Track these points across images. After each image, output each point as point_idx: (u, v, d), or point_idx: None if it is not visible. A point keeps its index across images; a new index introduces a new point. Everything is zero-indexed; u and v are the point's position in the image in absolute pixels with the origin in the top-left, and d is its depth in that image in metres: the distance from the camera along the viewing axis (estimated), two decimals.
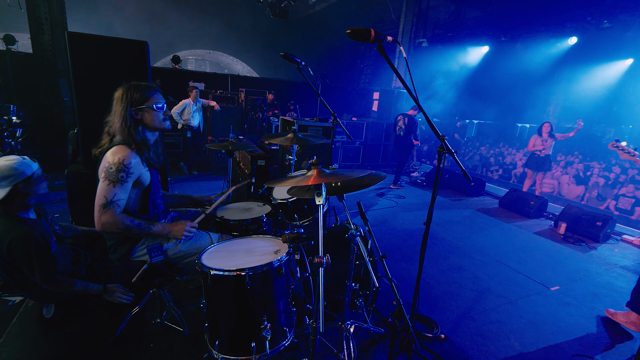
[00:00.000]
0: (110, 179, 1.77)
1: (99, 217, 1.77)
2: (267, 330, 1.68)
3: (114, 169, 1.77)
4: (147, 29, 13.82)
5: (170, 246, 2.05)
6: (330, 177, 1.60)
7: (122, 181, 1.79)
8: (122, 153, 1.79)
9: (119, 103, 1.87)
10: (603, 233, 4.84)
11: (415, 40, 11.14)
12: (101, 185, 1.78)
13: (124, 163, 1.78)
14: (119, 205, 1.81)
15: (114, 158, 1.78)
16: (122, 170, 1.78)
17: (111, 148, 1.83)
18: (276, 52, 3.01)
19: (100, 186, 1.78)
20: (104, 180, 1.77)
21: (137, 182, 1.89)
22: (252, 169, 3.77)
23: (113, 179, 1.77)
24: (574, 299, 3.31)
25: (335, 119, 2.95)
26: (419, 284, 1.98)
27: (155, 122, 1.95)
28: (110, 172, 1.77)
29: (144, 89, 1.91)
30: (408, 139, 6.73)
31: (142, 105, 1.89)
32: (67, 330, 2.25)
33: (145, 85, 1.93)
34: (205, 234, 2.20)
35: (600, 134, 13.35)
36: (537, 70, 10.81)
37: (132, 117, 1.87)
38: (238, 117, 8.47)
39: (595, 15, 7.82)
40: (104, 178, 1.78)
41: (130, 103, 1.86)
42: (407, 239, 4.44)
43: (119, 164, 1.77)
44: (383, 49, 1.64)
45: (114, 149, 1.82)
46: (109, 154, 1.81)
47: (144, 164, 1.91)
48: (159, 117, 1.96)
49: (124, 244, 1.98)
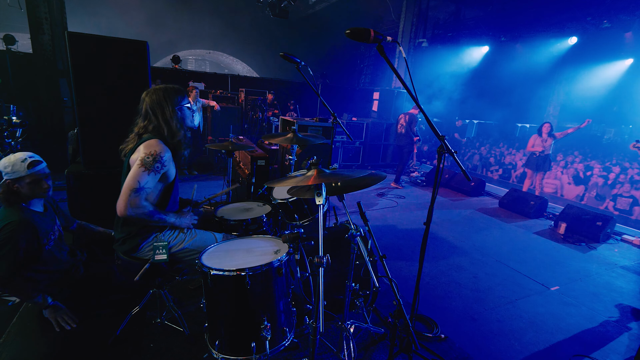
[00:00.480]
0: (146, 167, 1.84)
1: (126, 200, 1.81)
2: (267, 330, 1.68)
3: (151, 158, 1.85)
4: (147, 29, 13.81)
5: (175, 243, 2.08)
6: (330, 177, 1.60)
7: (156, 171, 1.87)
8: (158, 147, 1.89)
9: (163, 105, 1.96)
10: (603, 233, 4.84)
11: (415, 40, 11.14)
12: (136, 170, 1.83)
13: (160, 154, 1.88)
14: (147, 192, 1.89)
15: (150, 149, 1.87)
16: (157, 160, 1.87)
17: (144, 141, 1.90)
18: (276, 52, 3.01)
19: (133, 172, 1.83)
20: (139, 166, 1.83)
21: (163, 177, 1.96)
22: (252, 169, 3.77)
23: (149, 167, 1.84)
24: (574, 299, 3.31)
25: (335, 119, 2.94)
26: (419, 283, 1.98)
27: (188, 121, 2.12)
28: (147, 161, 1.84)
29: (178, 90, 2.05)
30: (409, 136, 6.80)
31: (180, 105, 2.03)
32: (68, 330, 2.25)
33: (177, 87, 2.07)
34: (209, 233, 2.23)
35: (600, 134, 13.36)
36: (537, 70, 10.81)
37: (176, 117, 1.99)
38: (238, 117, 8.46)
39: (595, 15, 7.82)
40: (139, 165, 1.84)
41: (173, 103, 1.99)
42: (407, 239, 4.44)
43: (156, 155, 1.86)
44: (383, 49, 1.64)
45: (148, 142, 1.89)
46: (143, 146, 1.88)
47: (173, 160, 2.00)
48: (191, 116, 2.17)
49: (135, 237, 2.00)
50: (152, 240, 2.03)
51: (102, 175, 3.05)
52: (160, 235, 2.05)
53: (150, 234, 2.03)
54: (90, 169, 3.11)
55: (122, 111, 2.98)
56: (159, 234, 2.05)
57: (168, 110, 1.97)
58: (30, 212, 2.07)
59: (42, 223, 2.10)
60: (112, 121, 2.97)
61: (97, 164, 3.05)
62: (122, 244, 2.04)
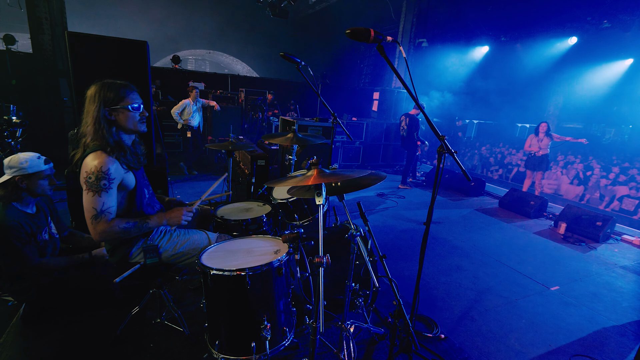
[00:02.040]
0: (92, 190, 1.68)
1: (94, 228, 1.70)
2: (267, 330, 1.68)
3: (93, 178, 1.67)
4: (147, 29, 13.81)
5: (167, 247, 2.03)
6: (330, 177, 1.60)
7: (106, 189, 1.70)
8: (98, 160, 1.69)
9: (91, 102, 1.75)
10: (603, 233, 4.84)
11: (415, 40, 11.13)
12: (85, 197, 1.69)
13: (103, 170, 1.68)
14: (110, 213, 1.74)
15: (91, 166, 1.68)
16: (102, 178, 1.68)
17: (87, 155, 1.72)
18: (276, 52, 3.01)
19: (85, 199, 1.70)
20: (87, 192, 1.69)
21: (121, 186, 1.81)
22: (252, 169, 3.78)
23: (95, 189, 1.68)
24: (574, 299, 3.31)
25: (335, 119, 2.94)
26: (419, 283, 1.98)
27: (129, 123, 1.82)
28: (90, 183, 1.68)
29: (119, 87, 1.78)
30: (411, 138, 6.78)
31: (117, 106, 1.76)
32: (67, 330, 2.26)
33: (120, 83, 1.81)
34: (202, 234, 2.18)
35: (600, 134, 13.35)
36: (537, 70, 10.80)
37: (105, 117, 1.75)
38: (238, 117, 8.47)
39: (595, 15, 7.81)
40: (86, 190, 1.69)
41: (104, 103, 1.74)
42: (407, 239, 4.44)
43: (98, 172, 1.67)
44: (383, 49, 1.64)
45: (90, 156, 1.71)
46: (86, 162, 1.71)
47: (124, 166, 1.80)
48: (135, 118, 1.83)
49: (121, 247, 1.95)
50: (142, 245, 1.97)
51: None
52: (148, 240, 1.99)
53: (138, 240, 1.96)
54: None
55: None
56: (147, 240, 1.99)
57: (94, 110, 1.74)
58: (19, 212, 2.06)
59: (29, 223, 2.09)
60: None
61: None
62: (112, 255, 1.99)
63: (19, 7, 7.40)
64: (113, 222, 1.74)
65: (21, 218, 2.05)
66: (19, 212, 2.07)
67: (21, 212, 2.07)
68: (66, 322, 2.32)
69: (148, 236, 2.00)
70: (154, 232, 2.03)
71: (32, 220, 2.12)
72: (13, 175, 1.99)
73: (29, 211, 2.14)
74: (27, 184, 2.04)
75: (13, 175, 1.99)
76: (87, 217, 1.71)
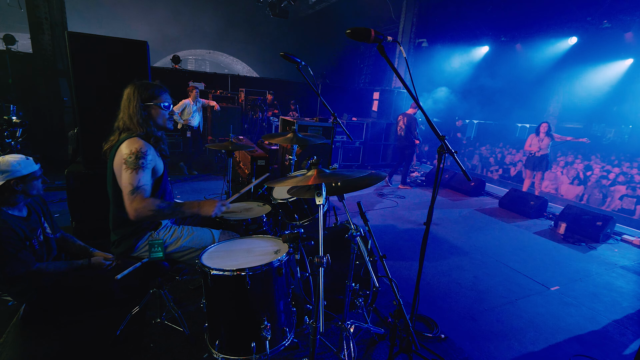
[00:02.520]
0: (131, 167, 1.84)
1: (130, 204, 1.82)
2: (267, 330, 1.68)
3: (133, 158, 1.84)
4: (147, 29, 13.81)
5: (172, 241, 2.08)
6: (330, 177, 1.60)
7: (144, 167, 1.87)
8: (136, 144, 1.87)
9: (130, 99, 1.97)
10: (603, 233, 4.84)
11: (415, 40, 11.13)
12: (124, 175, 1.84)
13: (142, 151, 1.87)
14: (146, 190, 1.87)
15: (129, 148, 1.85)
16: (140, 157, 1.86)
17: (123, 141, 1.89)
18: (276, 52, 3.01)
19: (123, 177, 1.84)
20: (125, 169, 1.84)
21: (153, 171, 1.96)
22: (252, 169, 3.78)
23: (134, 167, 1.84)
24: (574, 299, 3.31)
25: (335, 119, 2.94)
26: (419, 283, 1.98)
27: (160, 120, 2.04)
28: (129, 161, 1.84)
29: (154, 87, 2.02)
30: (409, 138, 6.73)
31: (151, 102, 1.99)
32: (67, 330, 2.26)
33: (154, 83, 2.04)
34: (206, 230, 2.22)
35: (600, 134, 13.36)
36: (537, 70, 10.80)
37: (141, 112, 1.97)
38: (238, 117, 8.46)
39: (595, 16, 7.82)
40: (125, 168, 1.84)
41: (141, 99, 1.96)
42: (407, 239, 4.44)
43: (137, 152, 1.85)
44: (383, 49, 1.64)
45: (126, 141, 1.88)
46: (123, 146, 1.87)
47: (157, 153, 2.00)
48: (165, 115, 2.06)
49: (129, 238, 2.00)
50: (148, 239, 2.03)
51: (102, 175, 3.02)
52: (155, 233, 2.06)
53: (145, 233, 2.04)
54: (90, 169, 3.11)
55: None
56: (154, 232, 2.06)
57: (132, 105, 1.95)
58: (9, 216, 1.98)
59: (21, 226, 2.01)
60: (113, 121, 2.96)
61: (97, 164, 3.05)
62: (117, 246, 2.05)
63: (19, 7, 7.41)
64: (149, 200, 1.86)
65: (13, 222, 1.97)
66: (9, 216, 1.98)
67: (12, 217, 1.99)
68: (66, 322, 2.32)
69: (156, 229, 2.07)
70: (161, 226, 2.10)
71: (24, 223, 2.04)
72: (7, 179, 1.93)
73: (21, 214, 2.07)
74: (22, 187, 1.99)
75: (7, 179, 1.93)
76: (124, 195, 1.84)
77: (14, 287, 2.07)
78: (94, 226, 3.08)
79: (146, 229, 2.04)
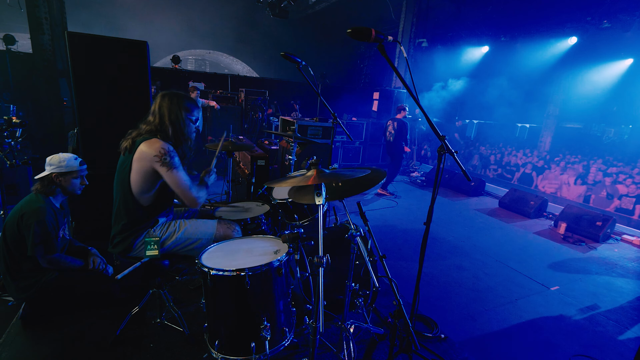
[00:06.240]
0: (172, 166, 1.91)
1: (192, 197, 1.98)
2: (267, 330, 1.68)
3: (168, 158, 1.90)
4: (147, 29, 13.80)
5: (167, 236, 2.10)
6: (330, 177, 1.60)
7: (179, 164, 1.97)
8: (158, 143, 1.91)
9: (173, 107, 2.02)
10: (603, 233, 4.84)
11: (415, 40, 11.13)
12: (170, 176, 1.91)
13: (167, 149, 1.91)
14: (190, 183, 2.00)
15: (155, 149, 1.88)
16: (172, 155, 1.93)
17: (143, 141, 1.92)
18: (276, 52, 3.01)
19: (172, 177, 1.91)
20: (167, 170, 1.90)
21: None
22: (252, 169, 3.78)
23: (173, 165, 1.91)
24: (574, 298, 3.31)
25: (335, 119, 2.94)
26: (419, 283, 1.98)
27: (187, 131, 2.10)
28: (166, 161, 1.89)
29: (194, 103, 2.14)
30: (399, 145, 6.17)
31: (189, 114, 2.09)
32: (67, 330, 2.26)
33: (194, 99, 2.17)
34: (202, 220, 2.25)
35: (600, 134, 13.34)
36: (537, 70, 10.79)
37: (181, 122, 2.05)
38: (238, 117, 8.46)
39: (595, 16, 7.81)
40: (167, 169, 1.90)
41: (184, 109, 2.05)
42: (407, 239, 4.43)
43: (166, 151, 1.90)
44: (383, 49, 1.64)
45: (147, 142, 1.91)
46: (145, 146, 1.90)
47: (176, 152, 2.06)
48: (192, 128, 2.15)
49: (127, 237, 2.01)
50: (145, 237, 2.04)
51: (102, 175, 3.03)
52: (151, 230, 2.08)
53: (142, 232, 2.05)
54: (90, 169, 3.11)
55: (122, 111, 2.99)
56: (151, 230, 2.08)
57: (174, 113, 2.01)
58: (53, 204, 2.29)
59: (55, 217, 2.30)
60: (112, 121, 2.97)
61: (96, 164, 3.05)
62: (115, 246, 2.06)
63: (19, 7, 7.40)
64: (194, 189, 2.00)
65: (54, 210, 2.27)
66: (53, 204, 2.29)
67: (54, 206, 2.29)
68: (66, 322, 2.32)
69: (153, 227, 2.09)
70: (158, 224, 2.12)
71: (58, 215, 2.31)
72: (51, 172, 2.22)
73: (56, 206, 2.34)
74: (61, 181, 2.26)
75: (51, 171, 2.22)
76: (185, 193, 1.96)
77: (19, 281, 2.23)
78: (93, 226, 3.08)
79: (144, 227, 2.05)
